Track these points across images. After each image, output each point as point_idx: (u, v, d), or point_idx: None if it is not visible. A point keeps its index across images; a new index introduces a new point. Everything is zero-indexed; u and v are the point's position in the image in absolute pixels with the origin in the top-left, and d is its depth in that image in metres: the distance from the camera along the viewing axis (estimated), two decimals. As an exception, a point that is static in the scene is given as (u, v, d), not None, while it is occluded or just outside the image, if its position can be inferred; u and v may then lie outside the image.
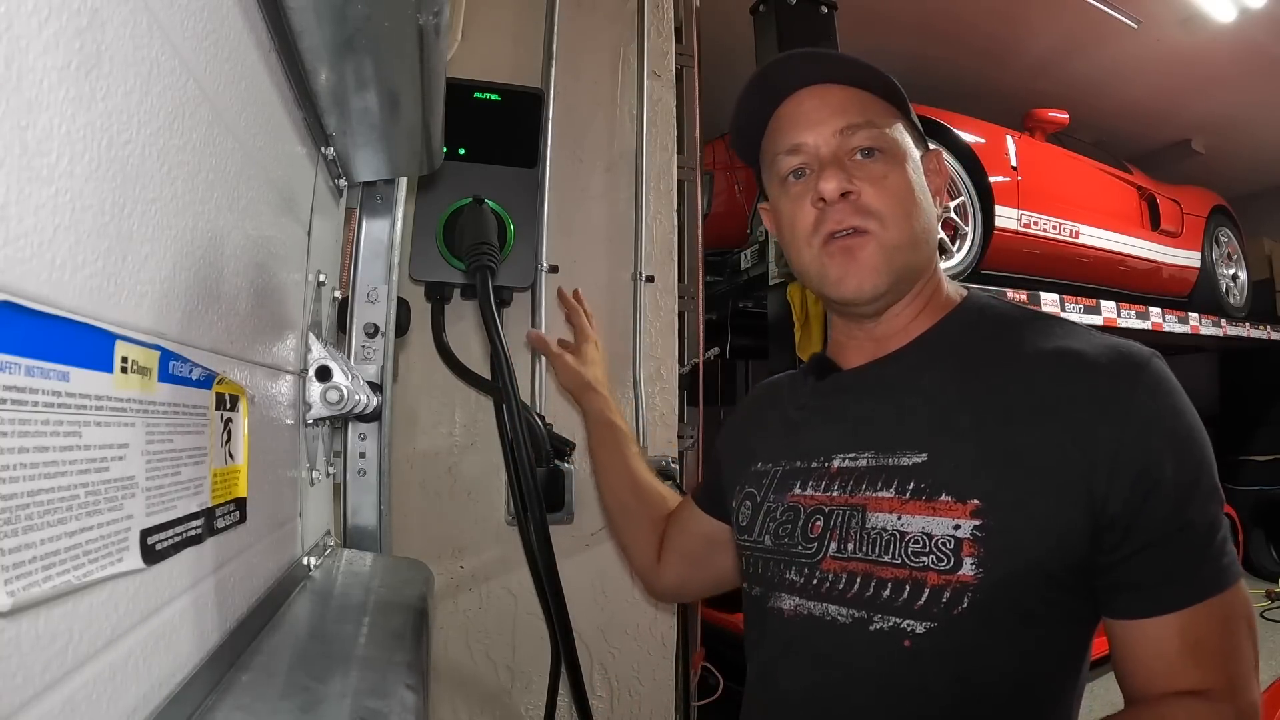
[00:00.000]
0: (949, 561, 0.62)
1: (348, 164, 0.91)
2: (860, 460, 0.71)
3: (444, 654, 1.34)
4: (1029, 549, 0.61)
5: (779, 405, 0.88)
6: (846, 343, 0.82)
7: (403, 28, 0.64)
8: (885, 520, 0.66)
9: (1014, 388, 0.66)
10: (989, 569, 0.61)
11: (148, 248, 0.40)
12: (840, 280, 0.74)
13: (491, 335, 1.15)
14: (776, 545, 0.76)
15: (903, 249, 0.73)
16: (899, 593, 0.64)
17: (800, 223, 0.75)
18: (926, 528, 0.64)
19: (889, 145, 0.74)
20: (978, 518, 0.62)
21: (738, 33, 2.15)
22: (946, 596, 0.62)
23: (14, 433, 0.27)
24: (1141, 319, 3.64)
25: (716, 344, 1.93)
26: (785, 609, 0.73)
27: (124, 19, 0.36)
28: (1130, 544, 0.61)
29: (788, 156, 0.76)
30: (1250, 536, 4.85)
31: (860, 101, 0.75)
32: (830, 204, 0.72)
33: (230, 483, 0.53)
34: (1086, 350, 0.65)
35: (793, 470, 0.78)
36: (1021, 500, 0.62)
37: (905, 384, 0.73)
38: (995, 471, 0.63)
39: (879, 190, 0.72)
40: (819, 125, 0.74)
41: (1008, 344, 0.70)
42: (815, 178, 0.74)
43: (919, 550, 0.64)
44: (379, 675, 0.58)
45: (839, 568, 0.69)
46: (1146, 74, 4.18)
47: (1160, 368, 0.65)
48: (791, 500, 0.76)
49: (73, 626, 0.33)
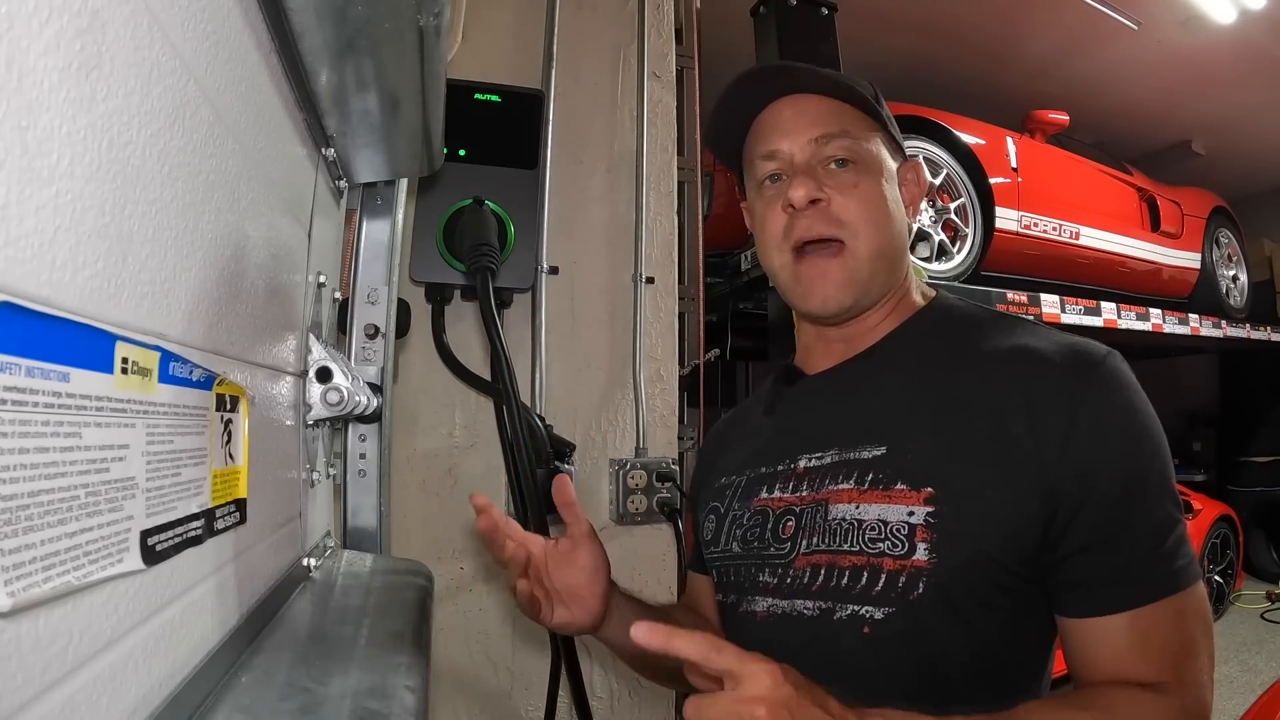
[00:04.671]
0: (903, 547, 0.64)
1: (348, 165, 0.91)
2: (825, 458, 0.73)
3: (444, 655, 1.33)
4: (981, 537, 0.62)
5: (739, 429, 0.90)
6: (815, 345, 0.84)
7: (403, 29, 0.64)
8: (845, 510, 0.68)
9: (973, 383, 0.68)
10: (942, 555, 0.62)
11: (148, 249, 0.40)
12: (807, 295, 0.76)
13: (492, 336, 1.15)
14: (746, 550, 0.77)
15: (870, 260, 0.74)
16: (857, 579, 0.66)
17: (771, 226, 0.77)
18: (882, 515, 0.65)
19: (863, 156, 0.75)
20: (931, 504, 0.64)
21: (738, 34, 2.15)
22: (902, 581, 0.63)
23: (14, 433, 0.27)
24: (1142, 320, 3.64)
25: (717, 345, 1.93)
26: (759, 611, 0.73)
27: (125, 20, 0.36)
28: (1076, 540, 0.62)
29: (764, 161, 0.78)
30: (1250, 537, 4.84)
31: (837, 112, 0.76)
32: (799, 210, 0.74)
33: (230, 484, 0.53)
34: (1044, 348, 0.67)
35: (758, 476, 0.79)
36: (975, 490, 0.63)
37: (869, 382, 0.75)
38: (951, 462, 0.65)
39: (848, 199, 0.73)
40: (795, 133, 0.76)
41: (970, 342, 0.72)
42: (787, 184, 0.75)
43: (875, 537, 0.65)
44: (379, 676, 0.58)
45: (805, 563, 0.70)
46: (1146, 75, 4.18)
47: (1115, 365, 0.66)
48: (758, 505, 0.77)
49: (73, 627, 0.33)
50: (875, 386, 0.74)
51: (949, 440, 0.66)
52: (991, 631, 0.64)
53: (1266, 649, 3.80)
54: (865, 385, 0.75)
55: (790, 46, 2.01)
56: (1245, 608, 4.49)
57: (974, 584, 0.63)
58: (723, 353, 2.70)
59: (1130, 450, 0.63)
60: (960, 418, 0.66)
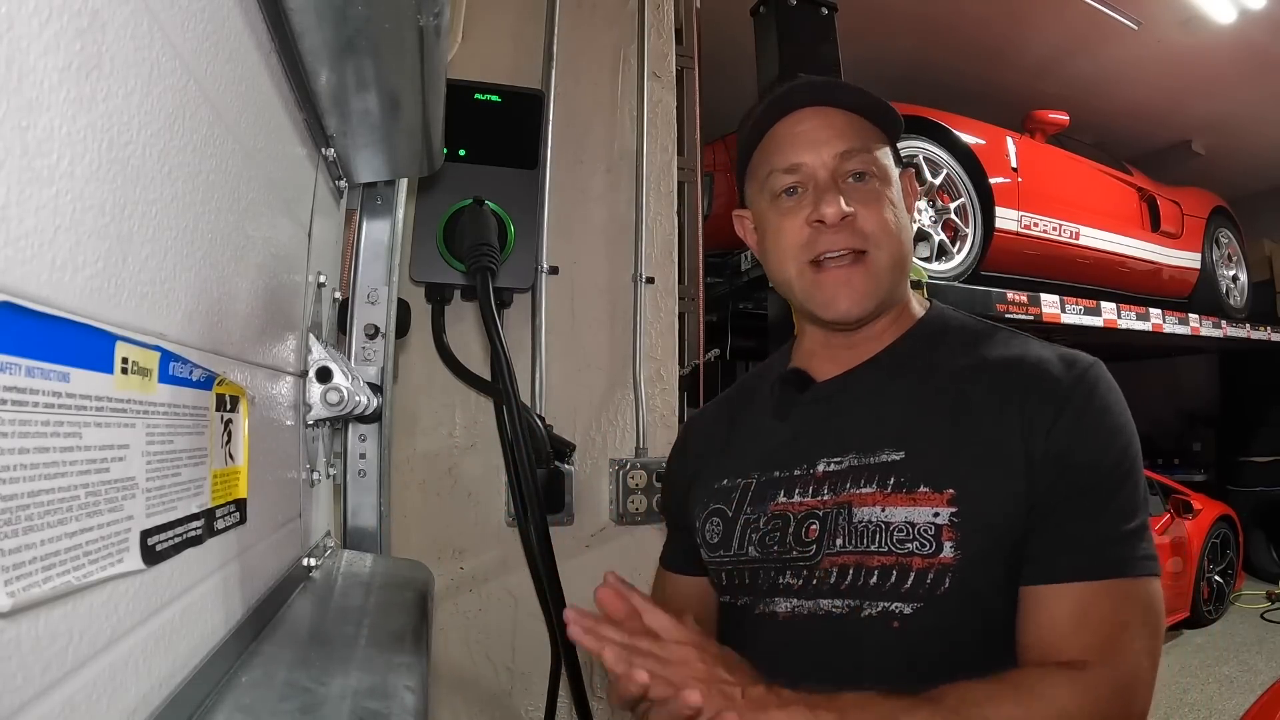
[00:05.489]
0: (931, 546, 0.68)
1: (348, 165, 0.91)
2: (844, 462, 0.76)
3: (444, 655, 1.33)
4: (997, 529, 0.67)
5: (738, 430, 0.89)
6: (819, 351, 0.85)
7: (403, 29, 0.64)
8: (870, 513, 0.71)
9: (978, 390, 0.73)
10: (965, 550, 0.67)
11: (148, 248, 0.40)
12: (829, 303, 0.77)
13: (492, 336, 1.15)
14: (765, 554, 0.77)
15: (891, 270, 0.77)
16: (886, 578, 0.69)
17: (790, 239, 0.78)
18: (909, 517, 0.70)
19: (879, 170, 0.78)
20: (954, 505, 0.68)
21: (738, 34, 2.15)
22: (930, 578, 0.68)
23: (14, 433, 0.27)
24: (1142, 320, 3.64)
25: (717, 345, 1.94)
26: (780, 612, 0.75)
27: (125, 20, 0.36)
28: (1041, 514, 0.67)
29: (784, 175, 0.79)
30: (1250, 537, 4.85)
31: (857, 126, 0.78)
32: (829, 225, 0.75)
33: (230, 484, 0.53)
34: (1041, 356, 0.74)
35: (771, 480, 0.80)
36: (989, 489, 0.68)
37: (881, 390, 0.78)
38: (965, 463, 0.70)
39: (872, 213, 0.76)
40: (819, 147, 0.77)
41: (972, 353, 0.77)
42: (811, 199, 0.77)
43: (903, 538, 0.69)
44: (379, 676, 0.58)
45: (830, 564, 0.73)
46: (1147, 75, 4.18)
47: (1099, 372, 0.72)
48: (776, 509, 0.78)
49: (73, 627, 0.33)
50: (887, 394, 0.78)
51: (961, 444, 0.71)
52: (1009, 614, 0.68)
53: (1266, 649, 3.80)
54: (878, 392, 0.78)
55: (790, 47, 2.01)
56: (1245, 608, 4.50)
57: (992, 572, 0.67)
58: (723, 353, 2.70)
59: (1102, 442, 0.68)
60: (968, 422, 0.72)
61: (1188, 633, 4.04)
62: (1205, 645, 3.88)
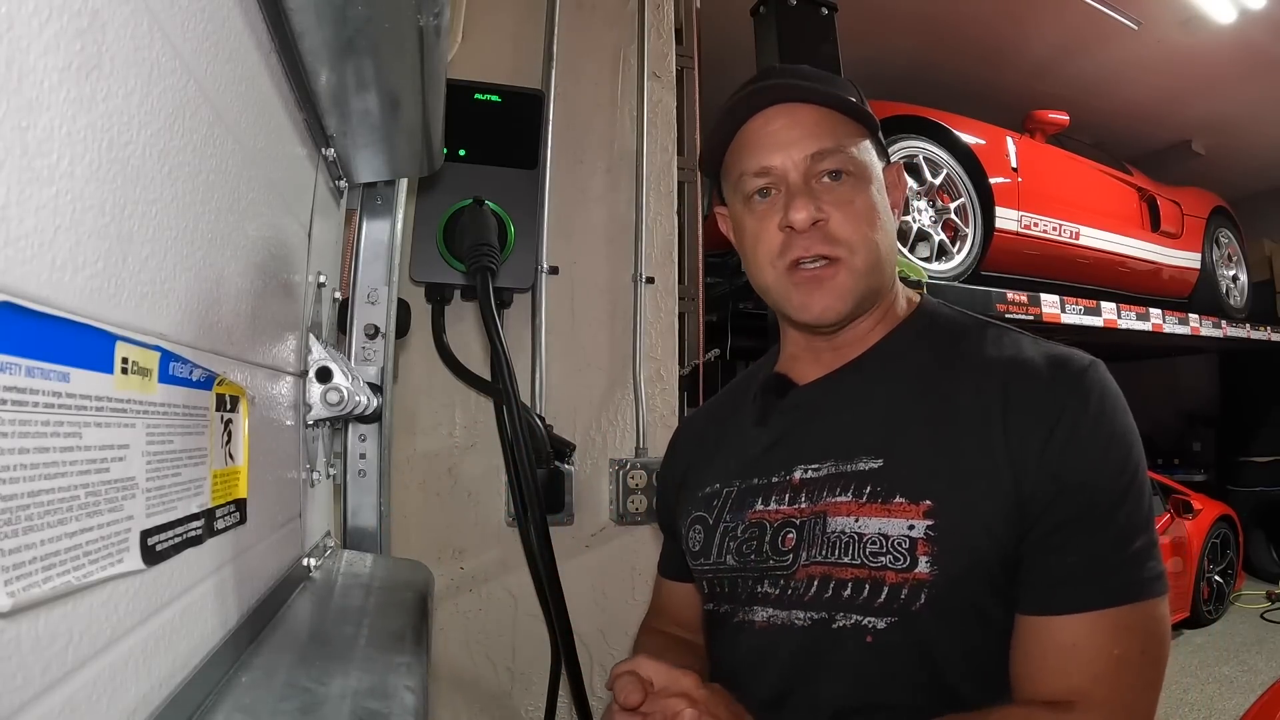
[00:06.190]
0: (905, 560, 0.64)
1: (348, 165, 0.91)
2: (821, 470, 0.73)
3: (444, 655, 1.33)
4: (977, 547, 0.63)
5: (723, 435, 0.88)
6: (802, 355, 0.83)
7: (403, 29, 0.64)
8: (844, 524, 0.68)
9: (962, 394, 0.69)
10: (943, 566, 0.63)
11: (148, 248, 0.40)
12: (804, 306, 0.75)
13: (492, 336, 1.15)
14: (742, 563, 0.76)
15: (868, 273, 0.74)
16: (859, 592, 0.66)
17: (765, 244, 0.75)
18: (883, 529, 0.66)
19: (856, 167, 0.74)
20: (930, 518, 0.64)
21: (738, 34, 2.15)
22: (904, 593, 0.64)
23: (14, 433, 0.27)
24: (1142, 320, 3.64)
25: (717, 345, 1.93)
26: (758, 620, 0.73)
27: (124, 20, 0.36)
28: (1035, 541, 0.63)
29: (754, 178, 0.76)
30: (1250, 537, 4.85)
31: (830, 123, 0.74)
32: (799, 231, 0.73)
33: (230, 484, 0.53)
34: (1029, 359, 0.69)
35: (750, 488, 0.78)
36: (970, 502, 0.64)
37: (862, 394, 0.75)
38: (945, 474, 0.66)
39: (846, 216, 0.72)
40: (789, 148, 0.73)
41: (958, 353, 0.73)
42: (783, 202, 0.73)
43: (876, 551, 0.66)
44: (379, 676, 0.58)
45: (805, 574, 0.70)
46: (1147, 75, 4.18)
47: (1096, 375, 0.66)
48: (754, 517, 0.76)
49: (73, 627, 0.33)
50: (868, 398, 0.74)
51: (943, 453, 0.67)
52: (990, 637, 0.65)
53: (1266, 649, 3.80)
54: (858, 397, 0.75)
55: (790, 47, 2.01)
56: (1245, 608, 4.50)
57: (972, 593, 0.64)
58: (723, 353, 2.70)
59: (1099, 457, 0.63)
60: (952, 430, 0.67)
61: (1188, 633, 4.04)
62: (1205, 645, 3.88)
